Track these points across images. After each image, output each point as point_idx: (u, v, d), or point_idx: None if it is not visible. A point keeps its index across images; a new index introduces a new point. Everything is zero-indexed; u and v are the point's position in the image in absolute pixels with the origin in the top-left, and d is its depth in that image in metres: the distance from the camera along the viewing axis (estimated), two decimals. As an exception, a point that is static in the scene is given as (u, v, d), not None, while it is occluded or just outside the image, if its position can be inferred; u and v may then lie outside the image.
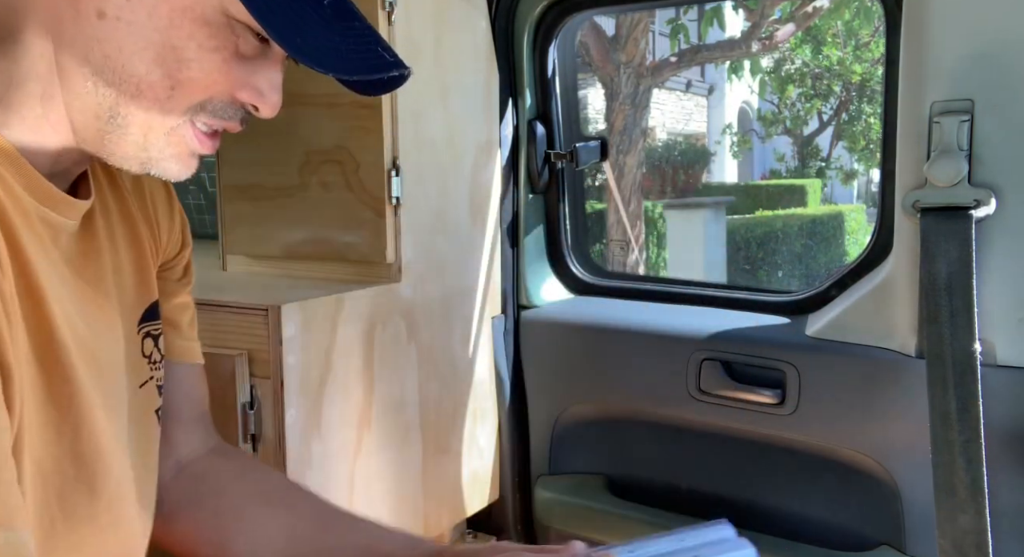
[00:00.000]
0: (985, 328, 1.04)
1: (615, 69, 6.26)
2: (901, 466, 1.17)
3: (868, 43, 10.76)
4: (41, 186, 0.60)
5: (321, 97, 1.20)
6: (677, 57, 6.71)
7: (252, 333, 1.07)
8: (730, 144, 14.33)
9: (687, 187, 12.25)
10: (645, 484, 1.42)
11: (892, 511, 1.19)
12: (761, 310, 1.35)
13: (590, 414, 1.45)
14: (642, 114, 6.63)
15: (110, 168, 0.73)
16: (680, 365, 1.32)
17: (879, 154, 1.20)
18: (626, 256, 6.71)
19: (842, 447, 1.22)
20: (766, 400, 1.24)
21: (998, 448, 1.03)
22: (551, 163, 1.50)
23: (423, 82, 1.24)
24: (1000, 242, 1.03)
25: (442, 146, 1.29)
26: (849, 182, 13.38)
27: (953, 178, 1.02)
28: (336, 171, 1.22)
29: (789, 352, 1.23)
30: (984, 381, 0.99)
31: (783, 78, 12.11)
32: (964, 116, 1.01)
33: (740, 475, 1.34)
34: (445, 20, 1.28)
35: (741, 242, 8.90)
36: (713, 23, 5.81)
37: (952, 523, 0.99)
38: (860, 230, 9.93)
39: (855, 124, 12.25)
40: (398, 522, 1.26)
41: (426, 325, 1.28)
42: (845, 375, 1.19)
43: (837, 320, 1.21)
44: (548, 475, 1.49)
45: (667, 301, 1.45)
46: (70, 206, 0.64)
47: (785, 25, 6.86)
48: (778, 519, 1.30)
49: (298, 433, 1.07)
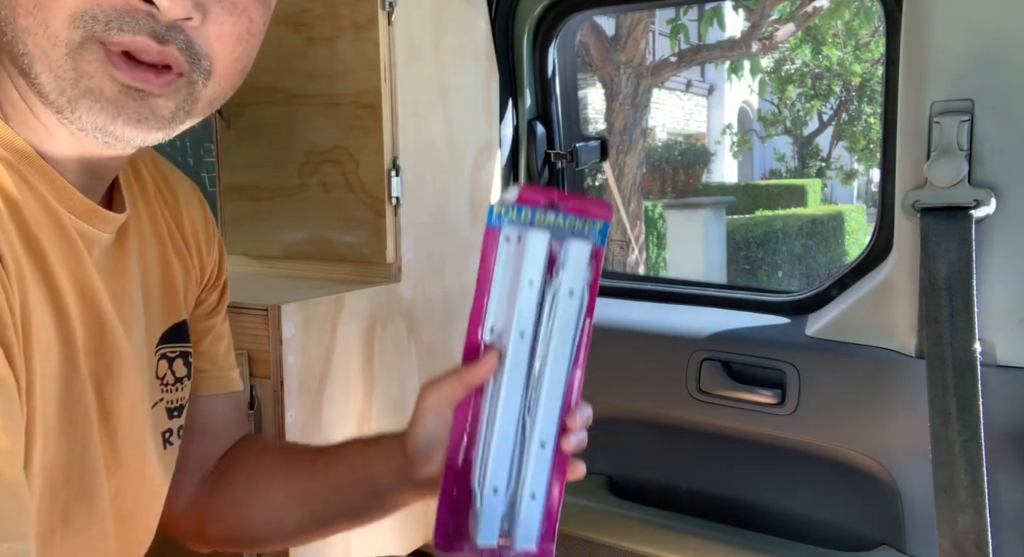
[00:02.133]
0: (985, 328, 1.04)
1: (615, 69, 6.26)
2: (901, 466, 1.17)
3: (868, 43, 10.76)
4: (73, 197, 0.60)
5: (321, 97, 1.20)
6: (677, 57, 6.71)
7: (252, 333, 1.07)
8: (730, 144, 14.34)
9: (687, 187, 12.26)
10: (645, 484, 1.42)
11: (892, 511, 1.19)
12: (761, 310, 1.35)
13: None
14: (642, 114, 6.63)
15: (145, 185, 0.74)
16: (680, 365, 1.32)
17: (879, 154, 1.20)
18: (626, 256, 6.72)
19: (842, 447, 1.22)
20: (766, 400, 1.24)
21: (998, 448, 1.03)
22: (551, 163, 1.50)
23: (423, 82, 1.24)
24: (1000, 242, 1.03)
25: (442, 146, 1.29)
26: (849, 182, 13.38)
27: (953, 178, 1.02)
28: (336, 171, 1.22)
29: (789, 352, 1.23)
30: (984, 381, 0.99)
31: (783, 78, 12.12)
32: (964, 116, 1.01)
33: (740, 475, 1.34)
34: (445, 20, 1.28)
35: (741, 242, 8.91)
36: (713, 23, 5.81)
37: (952, 523, 0.99)
38: (860, 230, 9.93)
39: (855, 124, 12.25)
40: (398, 522, 1.26)
41: (426, 325, 1.28)
42: (845, 375, 1.19)
43: (837, 320, 1.21)
44: (548, 475, 1.49)
45: (667, 301, 1.45)
46: (105, 219, 0.63)
47: (785, 25, 6.85)
48: (778, 519, 1.30)
49: (298, 433, 1.07)
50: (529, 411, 0.69)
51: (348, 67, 1.18)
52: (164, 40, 0.55)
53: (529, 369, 0.69)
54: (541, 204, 0.69)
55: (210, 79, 0.59)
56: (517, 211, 0.69)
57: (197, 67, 0.58)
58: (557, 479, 0.70)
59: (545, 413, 0.69)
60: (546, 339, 0.69)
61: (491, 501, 0.69)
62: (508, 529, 0.69)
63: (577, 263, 0.68)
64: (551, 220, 0.69)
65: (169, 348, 0.75)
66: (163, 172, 0.78)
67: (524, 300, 0.68)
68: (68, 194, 0.60)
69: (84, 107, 0.55)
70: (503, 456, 0.69)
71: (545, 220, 0.69)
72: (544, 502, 0.69)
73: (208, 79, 0.59)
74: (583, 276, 0.68)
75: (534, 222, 0.69)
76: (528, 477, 0.69)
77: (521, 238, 0.69)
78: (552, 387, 0.69)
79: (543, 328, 0.69)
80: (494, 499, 0.69)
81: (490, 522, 0.69)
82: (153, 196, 0.75)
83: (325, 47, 1.20)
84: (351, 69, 1.17)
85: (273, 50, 1.28)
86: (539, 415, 0.69)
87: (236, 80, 0.63)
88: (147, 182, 0.75)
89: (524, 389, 0.69)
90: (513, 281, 0.69)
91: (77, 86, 0.54)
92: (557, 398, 0.69)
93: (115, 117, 0.55)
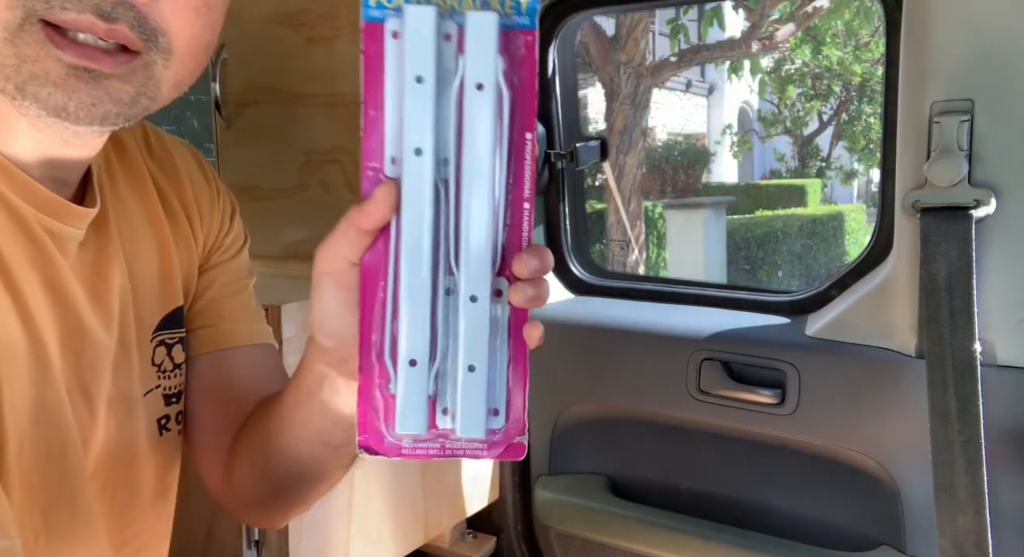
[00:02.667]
0: (985, 328, 1.04)
1: (615, 69, 6.26)
2: (901, 466, 1.17)
3: (868, 43, 10.76)
4: (38, 194, 0.57)
5: (321, 97, 1.20)
6: (677, 57, 6.71)
7: (252, 333, 1.07)
8: (730, 144, 14.34)
9: (687, 187, 12.25)
10: (645, 484, 1.42)
11: (892, 511, 1.19)
12: (761, 310, 1.35)
13: (590, 414, 1.45)
14: (642, 114, 6.62)
15: (133, 167, 0.70)
16: (680, 365, 1.32)
17: (879, 154, 1.20)
18: (626, 256, 6.72)
19: (842, 447, 1.22)
20: (766, 400, 1.24)
21: (998, 448, 1.03)
22: (551, 163, 1.50)
23: (423, 82, 1.24)
24: (1000, 242, 1.03)
25: (442, 146, 1.29)
26: (849, 182, 13.38)
27: (953, 178, 1.02)
28: (336, 171, 1.22)
29: (789, 352, 1.23)
30: (984, 381, 0.99)
31: (783, 78, 12.12)
32: (964, 116, 1.01)
33: (740, 475, 1.34)
34: (445, 20, 1.28)
35: (741, 242, 8.91)
36: (713, 23, 5.81)
37: (952, 523, 0.99)
38: (860, 230, 9.93)
39: (855, 124, 12.25)
40: (398, 522, 1.26)
41: (426, 325, 1.28)
42: (845, 375, 1.19)
43: (837, 320, 1.21)
44: (548, 475, 1.49)
45: (667, 301, 1.45)
46: (75, 214, 0.60)
47: (785, 25, 6.85)
48: (778, 519, 1.30)
49: (298, 433, 1.07)
50: (451, 255, 0.51)
51: (348, 67, 1.18)
52: (111, 18, 0.51)
53: (436, 196, 0.50)
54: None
55: (171, 58, 0.55)
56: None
57: (154, 45, 0.53)
58: (510, 345, 0.52)
59: (472, 256, 0.50)
60: (455, 154, 0.50)
61: (410, 378, 0.51)
62: (447, 413, 0.52)
63: (481, 44, 0.49)
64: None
65: (168, 334, 0.72)
66: (159, 144, 0.75)
67: (412, 104, 0.49)
68: (32, 190, 0.57)
69: (32, 94, 0.51)
70: (417, 316, 0.50)
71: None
72: (487, 375, 0.51)
73: (168, 59, 0.55)
74: (492, 63, 0.49)
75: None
76: (461, 343, 0.51)
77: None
78: (475, 220, 0.50)
79: (448, 140, 0.50)
80: (413, 375, 0.51)
81: (412, 406, 0.51)
82: (145, 176, 0.71)
83: (325, 47, 1.20)
84: (351, 69, 1.17)
85: (273, 50, 1.28)
86: (463, 259, 0.50)
87: (201, 58, 0.58)
88: (136, 163, 0.71)
89: (432, 224, 0.50)
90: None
91: (21, 72, 0.50)
92: (484, 234, 0.50)
93: (67, 102, 0.51)
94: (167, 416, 0.72)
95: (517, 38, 0.50)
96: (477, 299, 0.51)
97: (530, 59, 0.50)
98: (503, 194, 0.51)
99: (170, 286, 0.72)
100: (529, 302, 0.51)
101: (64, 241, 0.60)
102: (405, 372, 0.51)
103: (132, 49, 0.53)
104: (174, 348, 0.72)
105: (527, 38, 0.50)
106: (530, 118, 0.51)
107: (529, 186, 0.51)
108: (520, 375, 0.53)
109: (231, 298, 0.77)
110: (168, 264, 0.71)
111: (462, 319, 0.51)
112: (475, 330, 0.51)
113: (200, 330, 0.75)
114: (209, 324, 0.75)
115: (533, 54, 0.50)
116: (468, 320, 0.51)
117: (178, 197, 0.73)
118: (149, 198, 0.70)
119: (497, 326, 0.52)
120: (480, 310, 0.51)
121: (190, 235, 0.74)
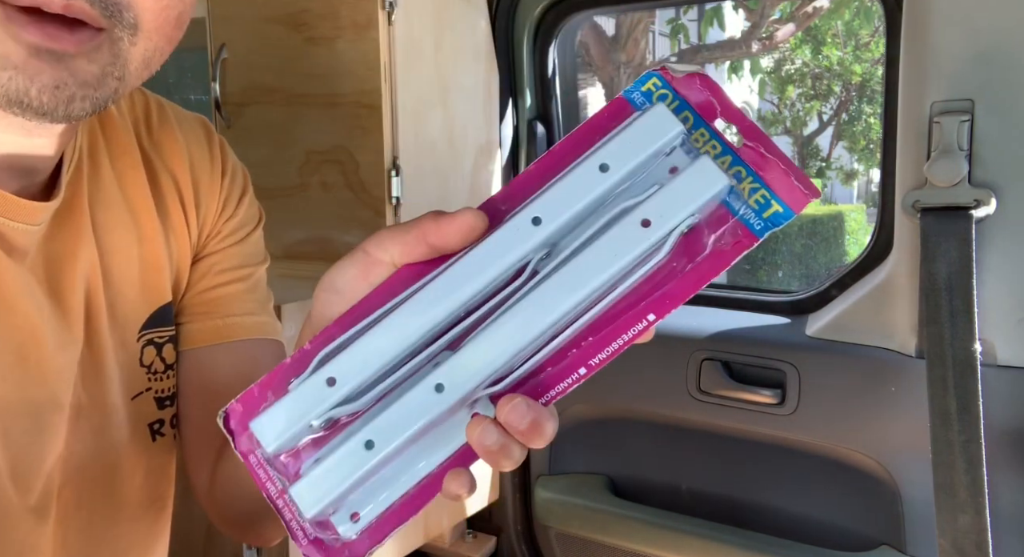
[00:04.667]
0: (985, 328, 1.04)
1: (615, 69, 6.26)
2: (901, 466, 1.17)
3: (868, 43, 10.76)
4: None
5: (321, 97, 1.20)
6: (677, 57, 6.71)
7: (252, 333, 1.07)
8: (730, 144, 14.32)
9: (687, 187, 12.23)
10: (645, 484, 1.42)
11: (892, 511, 1.19)
12: (761, 310, 1.35)
13: (590, 414, 1.45)
14: (642, 114, 6.61)
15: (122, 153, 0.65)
16: (680, 365, 1.32)
17: (879, 154, 1.20)
18: (626, 256, 6.71)
19: (842, 447, 1.22)
20: (766, 400, 1.24)
21: (998, 448, 1.03)
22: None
23: (423, 82, 1.24)
24: (1000, 242, 1.03)
25: (442, 146, 1.29)
26: (849, 182, 13.38)
27: (953, 178, 1.02)
28: (336, 171, 1.22)
29: (789, 352, 1.23)
30: (984, 381, 0.99)
31: (783, 78, 12.12)
32: (964, 116, 1.02)
33: (740, 475, 1.34)
34: (445, 20, 1.28)
35: (741, 242, 8.89)
36: (713, 23, 5.81)
37: (952, 523, 0.99)
38: (860, 230, 9.92)
39: (855, 124, 12.25)
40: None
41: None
42: (845, 375, 1.19)
43: (837, 320, 1.21)
44: (548, 475, 1.49)
45: None
46: (28, 210, 0.54)
47: (785, 25, 6.85)
48: (778, 519, 1.30)
49: (298, 433, 1.07)
50: (457, 335, 0.41)
51: (348, 67, 1.18)
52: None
53: (506, 273, 0.41)
54: (710, 112, 0.42)
55: (138, 34, 0.49)
56: (675, 100, 0.42)
57: (119, 20, 0.48)
58: (431, 473, 0.41)
59: (479, 352, 0.40)
60: (560, 259, 0.41)
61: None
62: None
63: (689, 190, 0.40)
64: (704, 139, 0.42)
65: (156, 333, 0.66)
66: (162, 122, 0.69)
67: (576, 180, 0.41)
68: None
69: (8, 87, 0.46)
70: (361, 368, 0.41)
71: (699, 137, 0.42)
72: (380, 463, 0.41)
73: (135, 34, 0.49)
74: (682, 213, 0.40)
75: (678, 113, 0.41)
76: (384, 414, 0.41)
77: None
78: (514, 323, 0.40)
79: (572, 240, 0.41)
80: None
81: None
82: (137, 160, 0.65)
83: (325, 47, 1.20)
84: (351, 69, 1.17)
85: (273, 50, 1.28)
86: (467, 348, 0.41)
87: (173, 33, 0.52)
88: (127, 145, 0.66)
89: (476, 295, 0.41)
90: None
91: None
92: (509, 343, 0.40)
93: (29, 87, 0.46)
94: (161, 420, 0.67)
95: (734, 230, 0.40)
96: (443, 390, 0.40)
97: (723, 260, 0.40)
98: (570, 331, 0.41)
99: (157, 280, 0.66)
100: (488, 443, 0.40)
101: (14, 241, 0.55)
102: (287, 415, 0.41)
103: (95, 26, 0.47)
104: (164, 347, 0.67)
105: (743, 240, 0.40)
106: (666, 307, 0.41)
107: (598, 359, 0.42)
108: (415, 502, 0.41)
109: (228, 288, 0.71)
110: (154, 256, 0.65)
111: (408, 392, 0.41)
112: (407, 411, 0.40)
113: (188, 324, 0.69)
114: (199, 318, 0.69)
115: (731, 258, 0.40)
116: (412, 398, 0.41)
117: (174, 181, 0.67)
118: (138, 185, 0.64)
119: (442, 434, 0.42)
120: (434, 402, 0.40)
121: (183, 223, 0.68)
